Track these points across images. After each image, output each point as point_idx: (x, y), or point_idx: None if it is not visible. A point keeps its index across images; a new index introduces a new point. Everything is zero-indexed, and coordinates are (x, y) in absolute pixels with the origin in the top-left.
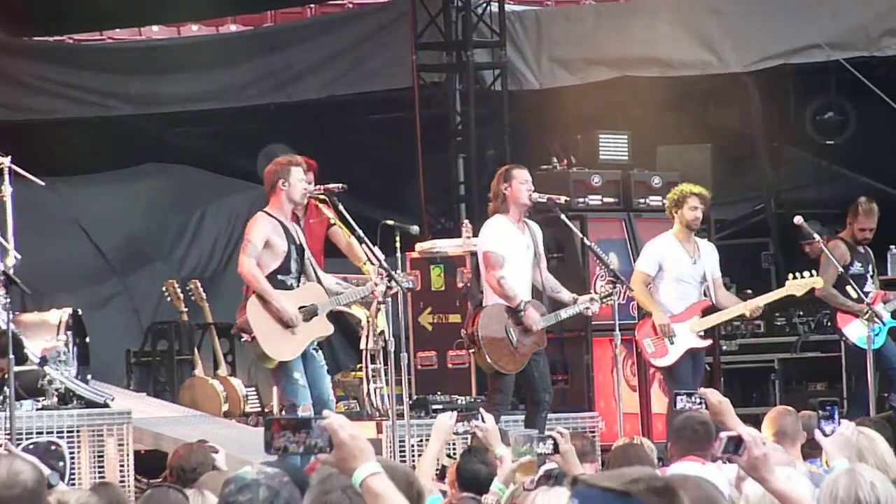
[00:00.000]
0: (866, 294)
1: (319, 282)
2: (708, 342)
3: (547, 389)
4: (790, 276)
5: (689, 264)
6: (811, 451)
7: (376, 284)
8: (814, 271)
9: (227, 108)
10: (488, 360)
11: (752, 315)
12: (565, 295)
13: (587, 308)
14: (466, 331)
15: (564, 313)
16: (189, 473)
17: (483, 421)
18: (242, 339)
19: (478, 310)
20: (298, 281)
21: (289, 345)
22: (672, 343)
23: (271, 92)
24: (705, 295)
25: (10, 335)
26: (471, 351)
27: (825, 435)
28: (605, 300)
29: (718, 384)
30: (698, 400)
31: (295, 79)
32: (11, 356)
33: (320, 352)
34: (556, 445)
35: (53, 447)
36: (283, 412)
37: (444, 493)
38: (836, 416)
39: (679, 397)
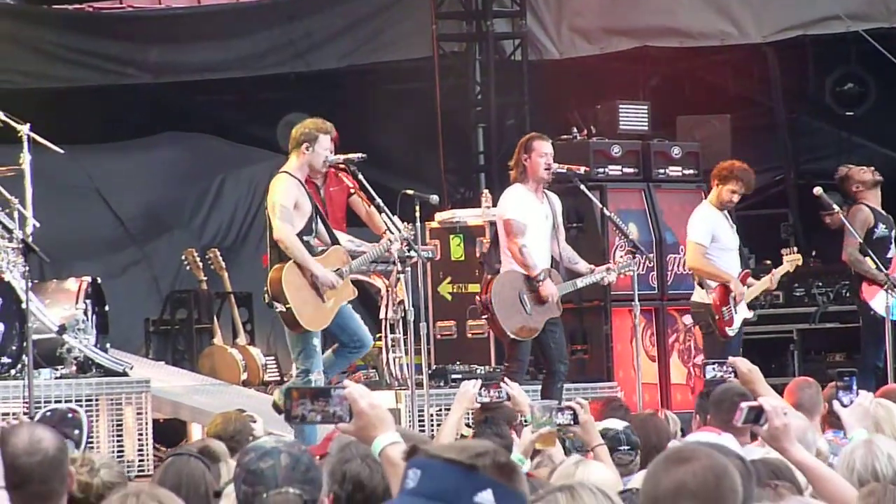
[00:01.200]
0: (889, 260)
1: (336, 242)
2: (752, 313)
3: (563, 360)
4: (784, 251)
5: (731, 232)
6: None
7: (391, 242)
8: (793, 248)
9: (247, 77)
10: (501, 325)
11: (772, 287)
12: (582, 266)
13: (603, 278)
14: (480, 297)
15: (581, 282)
16: (228, 442)
17: (509, 387)
18: (276, 309)
19: (493, 277)
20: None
21: (322, 313)
22: (736, 312)
23: (291, 61)
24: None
25: (28, 303)
26: (484, 317)
27: (843, 406)
28: (622, 271)
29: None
30: (729, 369)
31: (314, 48)
32: (30, 325)
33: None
34: (575, 416)
35: (71, 414)
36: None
37: None
38: (855, 387)
39: (709, 367)
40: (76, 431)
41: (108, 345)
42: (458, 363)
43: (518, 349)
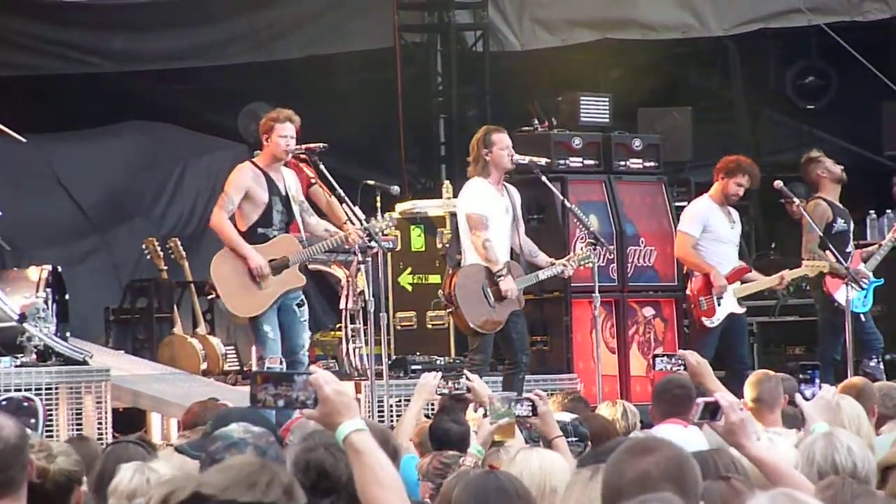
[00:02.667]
0: (847, 254)
1: (310, 230)
2: (744, 309)
3: (525, 351)
4: (804, 256)
5: (728, 227)
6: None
7: (349, 234)
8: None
9: (209, 67)
10: (465, 319)
11: (780, 287)
12: (542, 259)
13: (563, 270)
14: (444, 290)
15: (542, 274)
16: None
17: (469, 380)
18: (210, 297)
19: (455, 270)
20: (285, 232)
21: (255, 300)
22: (719, 305)
23: (253, 50)
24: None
25: None
26: (448, 311)
27: (805, 399)
28: (582, 262)
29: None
30: (678, 361)
31: (276, 37)
32: None
33: (304, 307)
34: (534, 407)
35: (27, 403)
36: (257, 366)
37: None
38: (817, 380)
39: (658, 359)
40: (32, 420)
41: (68, 333)
42: (418, 354)
43: (482, 341)
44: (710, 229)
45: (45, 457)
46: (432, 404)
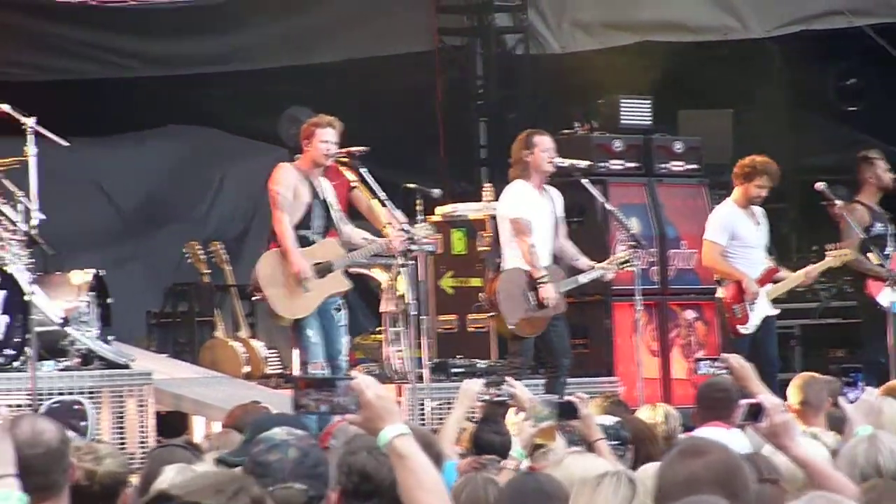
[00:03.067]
0: (887, 257)
1: (346, 239)
2: (777, 310)
3: (566, 354)
4: (827, 247)
5: (755, 230)
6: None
7: (391, 240)
8: (838, 243)
9: (249, 70)
10: (507, 323)
11: (808, 282)
12: (583, 262)
13: (603, 274)
14: (485, 295)
15: (583, 278)
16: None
17: (511, 386)
18: (255, 298)
19: (496, 274)
20: (323, 237)
21: (300, 303)
22: (752, 310)
23: (293, 54)
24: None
25: (31, 295)
26: (489, 314)
27: (849, 402)
28: (622, 266)
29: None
30: (722, 365)
31: (316, 41)
32: (34, 317)
33: (343, 311)
34: (576, 410)
35: (77, 406)
36: (300, 370)
37: (462, 455)
38: (860, 383)
39: (702, 362)
40: (82, 423)
41: (110, 337)
42: (458, 357)
43: (522, 345)
44: (738, 235)
45: (92, 459)
46: (475, 410)
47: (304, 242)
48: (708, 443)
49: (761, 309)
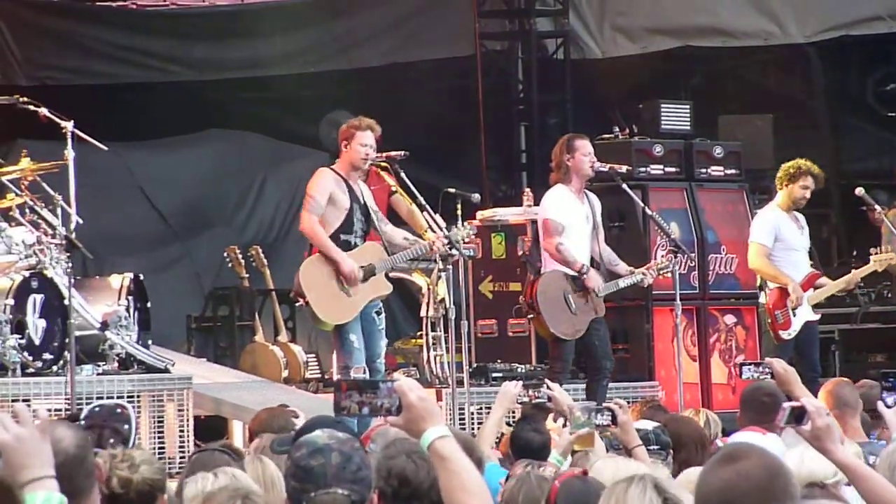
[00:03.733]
0: None
1: (388, 238)
2: (818, 316)
3: (608, 357)
4: (872, 251)
5: (798, 233)
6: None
7: (433, 242)
8: (882, 247)
9: (290, 75)
10: (547, 326)
11: (850, 288)
12: (622, 267)
13: (643, 279)
14: (525, 297)
15: (623, 282)
16: None
17: (550, 389)
18: (297, 304)
19: (536, 277)
20: (363, 241)
21: (344, 307)
22: (795, 315)
23: (334, 58)
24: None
25: (70, 299)
26: (529, 317)
27: (887, 406)
28: (661, 272)
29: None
30: (765, 370)
31: (357, 45)
32: (73, 321)
33: (382, 315)
34: (614, 416)
35: (119, 410)
36: (339, 374)
37: (501, 461)
38: None
39: (745, 367)
40: (125, 426)
41: (149, 341)
42: (498, 361)
43: (562, 349)
44: (782, 238)
45: (127, 466)
46: (513, 413)
47: (346, 247)
48: (747, 449)
49: (803, 314)
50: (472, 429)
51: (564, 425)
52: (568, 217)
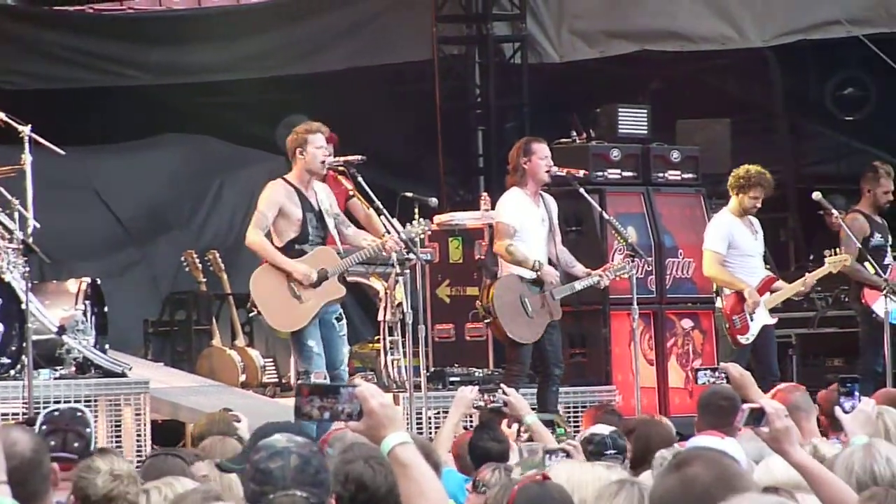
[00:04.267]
0: (886, 267)
1: (350, 242)
2: (776, 319)
3: (558, 363)
4: (826, 253)
5: (752, 238)
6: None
7: (385, 241)
8: (837, 249)
9: (248, 79)
10: (504, 330)
11: (805, 290)
12: (579, 269)
13: (599, 281)
14: (481, 301)
15: (579, 284)
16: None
17: (505, 394)
18: (251, 314)
19: (492, 281)
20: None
21: (297, 314)
22: (752, 320)
23: (292, 63)
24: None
25: (27, 304)
26: (486, 321)
27: (845, 412)
28: (619, 273)
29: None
30: (721, 374)
31: (316, 50)
32: (30, 326)
33: (343, 321)
34: (568, 457)
35: (79, 414)
36: (298, 380)
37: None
38: (857, 393)
39: (701, 372)
40: (87, 430)
41: (107, 346)
42: (456, 366)
43: (520, 352)
44: (736, 245)
45: (88, 475)
46: (470, 417)
47: (301, 254)
48: (695, 455)
49: (760, 318)
50: (430, 433)
51: (518, 434)
52: (523, 220)
